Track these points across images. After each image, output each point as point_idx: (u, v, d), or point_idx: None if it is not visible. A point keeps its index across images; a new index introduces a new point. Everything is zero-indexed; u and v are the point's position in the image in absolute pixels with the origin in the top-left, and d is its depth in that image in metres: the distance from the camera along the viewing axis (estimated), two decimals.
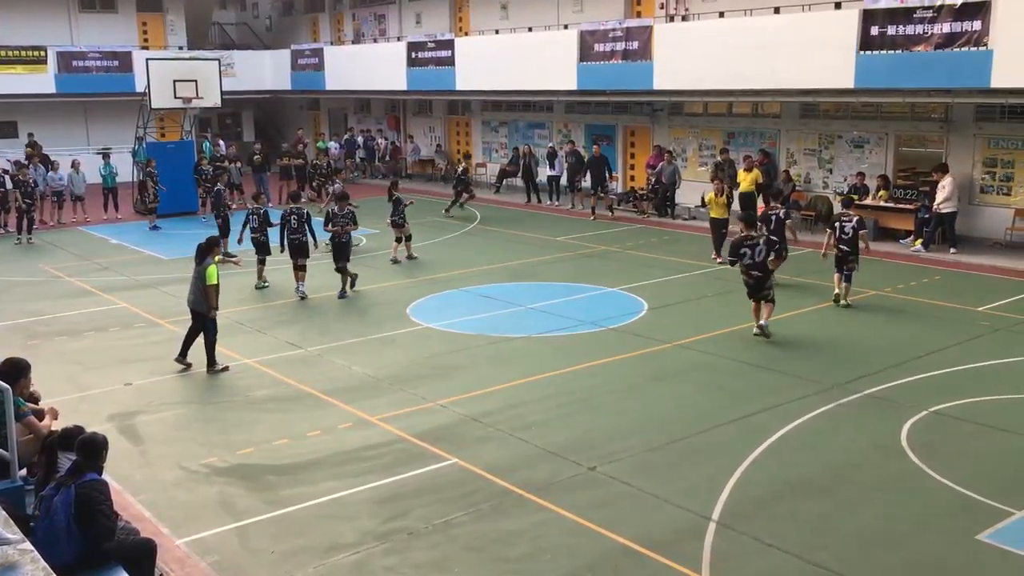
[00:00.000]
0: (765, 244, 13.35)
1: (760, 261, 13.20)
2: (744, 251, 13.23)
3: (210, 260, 12.36)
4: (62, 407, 9.71)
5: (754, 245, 13.22)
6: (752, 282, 13.29)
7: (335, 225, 16.11)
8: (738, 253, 13.29)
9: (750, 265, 13.21)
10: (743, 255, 13.24)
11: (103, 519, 6.51)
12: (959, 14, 17.60)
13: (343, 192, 17.23)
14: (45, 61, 32.71)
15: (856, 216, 14.87)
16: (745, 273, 13.31)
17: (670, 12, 25.23)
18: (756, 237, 13.35)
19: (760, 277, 13.25)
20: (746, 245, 13.23)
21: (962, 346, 12.83)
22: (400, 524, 8.10)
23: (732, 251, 13.47)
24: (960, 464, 9.07)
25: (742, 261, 13.26)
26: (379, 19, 36.37)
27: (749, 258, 13.21)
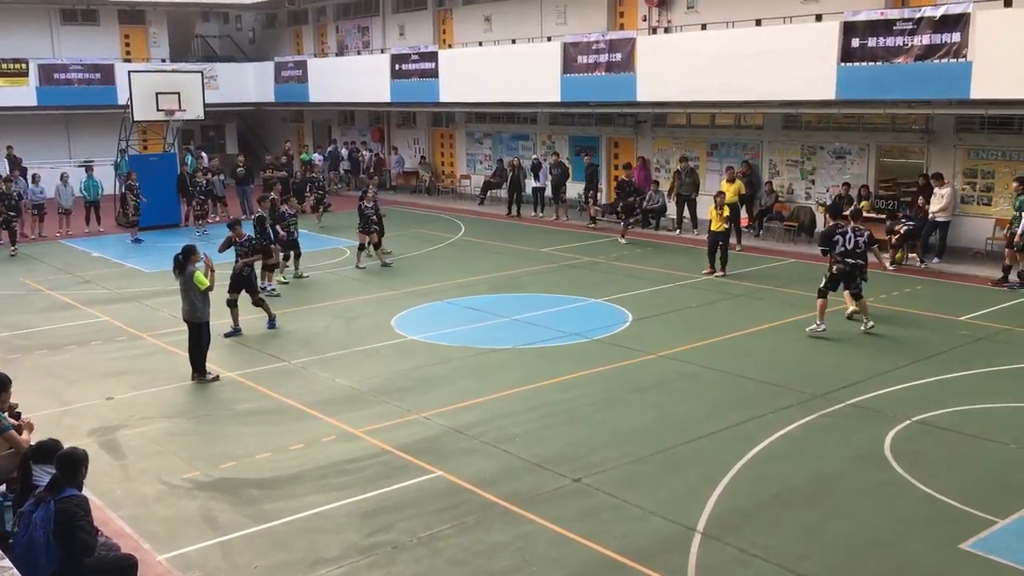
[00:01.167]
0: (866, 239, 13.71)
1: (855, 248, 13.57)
2: (836, 239, 13.64)
3: (192, 268, 12.30)
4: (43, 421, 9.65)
5: (844, 233, 13.61)
6: (847, 270, 13.63)
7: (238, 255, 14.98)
8: (830, 242, 13.71)
9: (844, 252, 13.58)
10: (836, 243, 13.63)
11: (83, 535, 6.44)
12: (939, 26, 17.76)
13: (234, 219, 15.72)
14: (26, 74, 32.56)
15: (867, 230, 14.38)
16: (840, 262, 13.61)
17: (653, 24, 25.37)
18: (845, 226, 13.73)
19: (856, 265, 13.63)
20: (838, 233, 13.65)
21: (945, 355, 12.90)
22: (384, 538, 8.05)
23: (823, 240, 14.00)
24: (944, 473, 9.10)
25: (834, 251, 13.63)
26: (362, 31, 36.40)
27: (842, 246, 13.58)
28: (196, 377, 12.50)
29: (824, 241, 13.94)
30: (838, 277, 13.83)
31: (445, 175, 33.70)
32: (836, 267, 13.72)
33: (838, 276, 13.82)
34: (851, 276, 13.92)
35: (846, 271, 13.68)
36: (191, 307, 12.35)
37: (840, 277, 13.80)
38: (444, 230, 24.96)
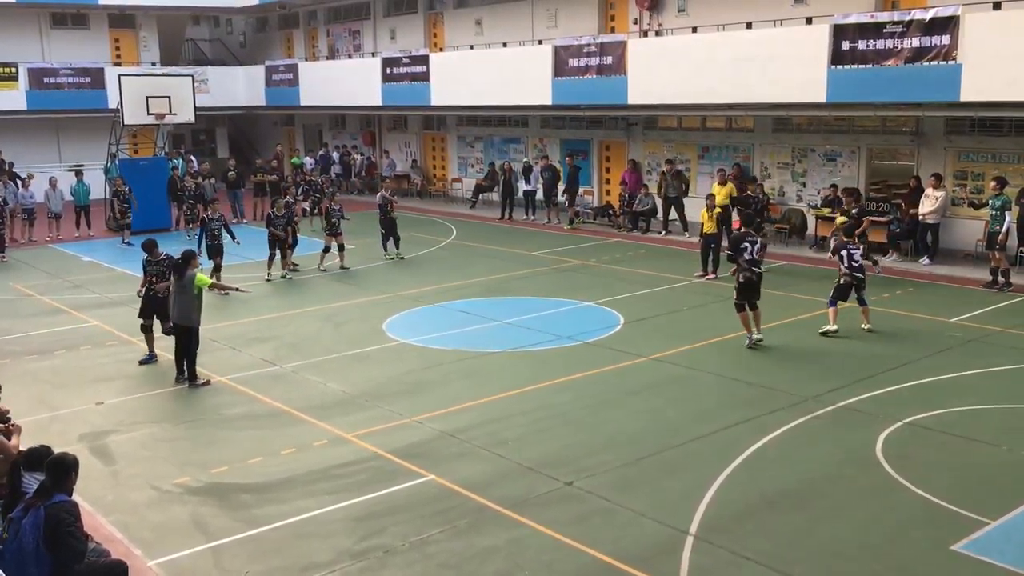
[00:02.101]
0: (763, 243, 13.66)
1: (760, 258, 13.45)
2: (745, 246, 13.39)
3: (191, 272, 12.31)
4: (33, 427, 9.61)
5: (754, 241, 13.40)
6: (755, 279, 13.38)
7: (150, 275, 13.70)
8: (739, 248, 13.44)
9: (750, 261, 13.35)
10: (744, 249, 13.38)
11: (72, 541, 6.41)
12: (928, 29, 17.83)
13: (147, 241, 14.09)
14: (16, 78, 32.46)
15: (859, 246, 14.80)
16: (747, 270, 13.34)
17: (643, 28, 25.41)
18: (756, 235, 13.57)
19: (761, 275, 13.44)
20: (747, 240, 13.42)
21: (935, 357, 12.93)
22: (376, 542, 8.03)
23: (733, 246, 13.68)
24: (935, 475, 9.11)
25: (742, 257, 13.36)
26: (353, 35, 36.38)
27: (749, 253, 13.34)
28: (182, 381, 12.46)
29: (733, 246, 13.65)
30: (746, 287, 13.40)
31: (437, 179, 33.69)
32: (742, 275, 13.38)
33: (746, 285, 13.39)
34: (757, 286, 13.51)
35: (753, 280, 13.37)
36: (182, 311, 12.33)
37: (750, 287, 13.40)
38: (435, 233, 24.94)
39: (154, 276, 13.56)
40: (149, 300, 13.55)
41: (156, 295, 13.44)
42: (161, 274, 13.45)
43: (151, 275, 13.61)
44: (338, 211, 20.08)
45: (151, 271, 13.66)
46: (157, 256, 13.67)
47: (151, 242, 13.94)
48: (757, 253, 13.46)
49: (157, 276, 13.52)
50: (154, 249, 13.71)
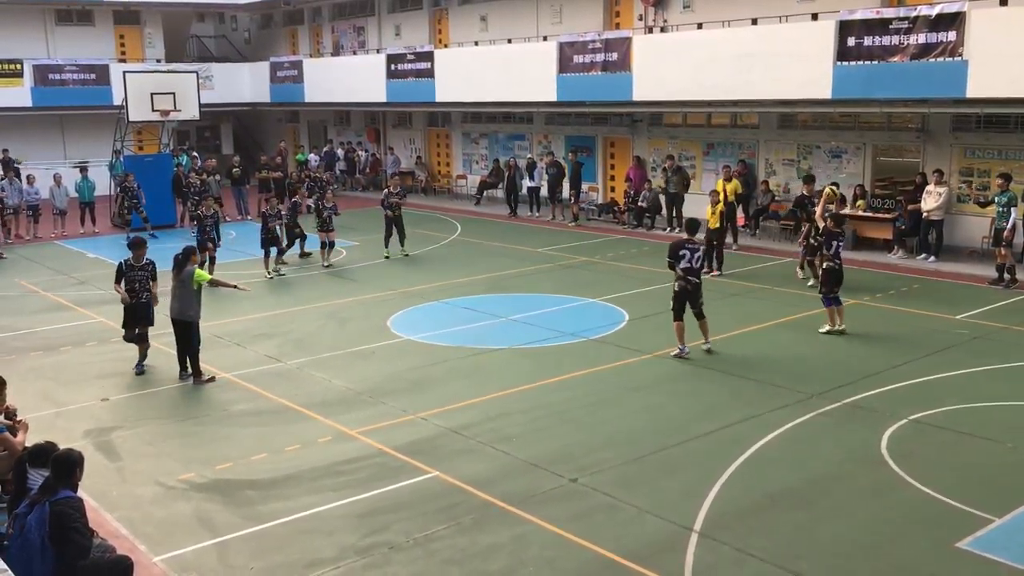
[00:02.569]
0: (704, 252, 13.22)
1: (698, 267, 12.94)
2: (683, 253, 12.85)
3: (191, 268, 12.33)
4: (38, 423, 9.62)
5: (694, 249, 12.91)
6: (690, 288, 12.87)
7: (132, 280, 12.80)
8: (676, 255, 12.91)
9: (687, 270, 12.83)
10: (681, 257, 12.86)
11: (78, 537, 6.42)
12: (934, 25, 17.78)
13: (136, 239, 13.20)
14: (21, 75, 32.52)
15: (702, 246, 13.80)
16: (682, 279, 12.86)
17: (648, 24, 25.36)
18: (697, 243, 13.09)
19: (698, 284, 12.96)
20: (686, 248, 12.90)
21: (940, 354, 12.91)
22: (380, 539, 8.04)
23: (671, 253, 13.02)
24: (940, 472, 9.10)
25: (679, 265, 12.88)
26: (358, 31, 36.37)
27: (687, 262, 12.83)
28: (186, 377, 12.49)
29: (672, 254, 12.99)
30: (682, 296, 12.93)
31: (441, 175, 33.68)
32: (678, 284, 12.92)
33: (682, 295, 12.92)
34: (694, 295, 13.01)
35: (688, 289, 12.87)
36: (181, 306, 12.35)
37: (684, 296, 12.92)
38: (440, 230, 24.94)
39: (136, 283, 12.70)
40: (133, 309, 12.76)
41: (142, 302, 12.73)
42: (144, 280, 12.72)
43: (133, 282, 12.70)
44: (331, 208, 20.10)
45: (133, 277, 12.72)
46: (140, 259, 12.76)
47: (138, 240, 13.04)
48: (697, 262, 12.92)
49: (139, 283, 12.69)
50: (139, 249, 12.79)
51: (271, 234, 19.19)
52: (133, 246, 12.90)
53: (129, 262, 12.80)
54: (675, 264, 12.89)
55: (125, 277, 12.77)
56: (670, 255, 12.99)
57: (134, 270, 12.78)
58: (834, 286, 13.98)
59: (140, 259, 12.78)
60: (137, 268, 12.79)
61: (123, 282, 12.78)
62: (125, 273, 12.79)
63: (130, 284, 12.76)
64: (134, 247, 12.87)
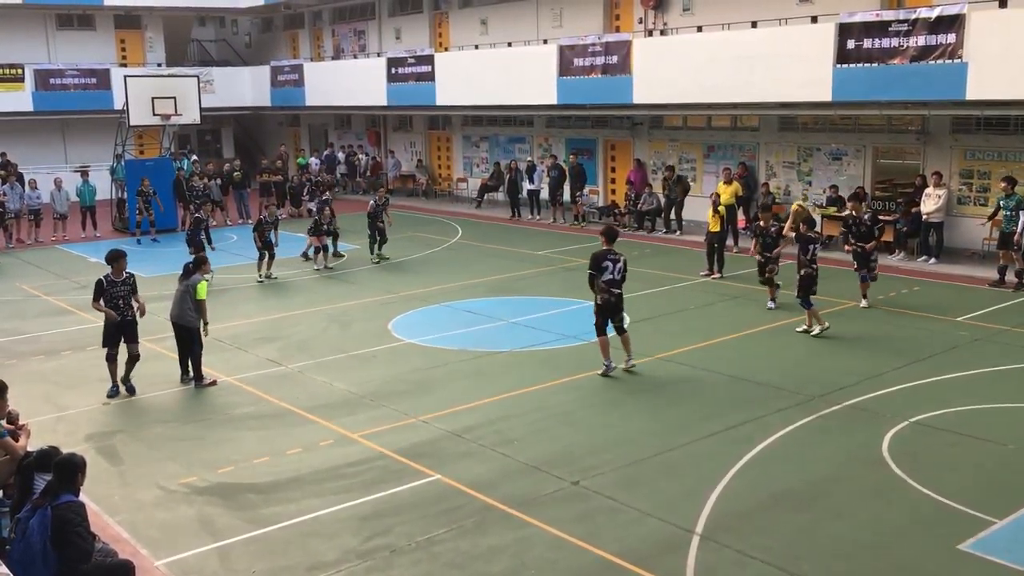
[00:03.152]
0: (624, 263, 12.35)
1: (620, 279, 12.25)
2: (606, 264, 12.19)
3: (199, 276, 12.35)
4: (39, 427, 9.63)
5: (616, 260, 12.20)
6: (613, 301, 12.24)
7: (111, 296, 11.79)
8: (599, 267, 12.22)
9: (610, 282, 12.16)
10: (604, 269, 12.18)
11: (79, 541, 6.43)
12: (934, 27, 17.79)
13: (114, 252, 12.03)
14: (22, 79, 32.53)
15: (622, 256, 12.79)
16: (605, 291, 12.17)
17: (649, 27, 25.39)
18: (619, 254, 12.34)
19: (620, 296, 12.32)
20: (608, 259, 12.25)
21: (941, 356, 12.91)
22: (382, 542, 8.04)
23: (593, 264, 12.27)
24: (941, 474, 9.10)
25: (601, 277, 12.16)
26: (359, 35, 36.40)
27: (610, 273, 12.16)
28: (187, 380, 12.50)
29: (593, 265, 12.21)
30: (605, 309, 12.24)
31: (442, 178, 33.71)
32: (600, 297, 12.18)
33: (605, 308, 12.23)
34: (616, 308, 12.36)
35: (611, 302, 12.19)
36: (181, 311, 12.34)
37: (607, 309, 12.24)
38: (441, 233, 24.95)
39: (120, 299, 11.77)
40: (120, 327, 11.90)
41: (128, 320, 11.89)
42: (127, 296, 11.83)
43: (116, 299, 11.73)
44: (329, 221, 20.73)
45: (116, 294, 11.73)
46: (120, 274, 11.81)
47: (116, 253, 11.90)
48: (619, 273, 12.22)
49: (123, 299, 11.78)
50: (118, 263, 11.79)
51: (264, 239, 19.22)
52: (112, 260, 11.84)
53: (110, 278, 11.78)
54: (597, 276, 12.16)
55: (106, 294, 11.73)
56: (592, 267, 12.22)
57: (115, 286, 11.78)
58: (810, 291, 14.04)
59: (120, 273, 11.83)
60: (119, 284, 11.81)
61: (103, 300, 11.74)
62: (106, 290, 11.74)
63: (113, 301, 11.74)
64: (113, 260, 11.82)
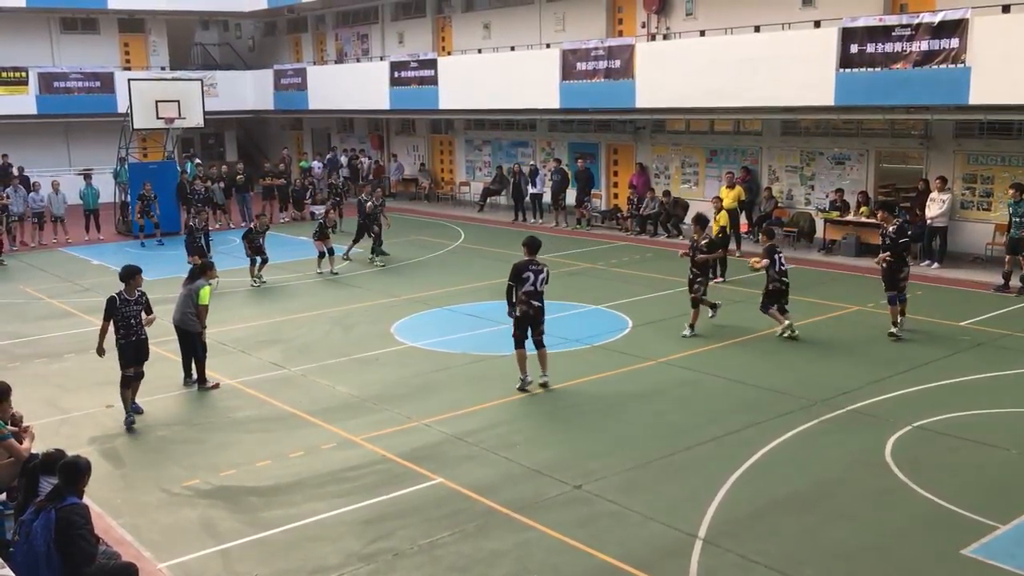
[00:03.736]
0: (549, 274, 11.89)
1: (541, 290, 11.76)
2: (527, 275, 11.69)
3: (202, 281, 12.39)
4: (43, 430, 9.65)
5: (538, 271, 11.71)
6: (532, 313, 11.77)
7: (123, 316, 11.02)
8: (519, 278, 11.72)
9: (531, 293, 11.71)
10: (525, 280, 11.69)
11: (83, 543, 6.44)
12: (937, 32, 17.80)
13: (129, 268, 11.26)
14: (26, 82, 32.58)
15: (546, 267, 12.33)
16: (524, 303, 11.74)
17: (651, 31, 25.41)
18: (541, 264, 11.85)
19: (541, 308, 11.84)
20: (530, 270, 11.74)
21: (945, 361, 12.90)
22: (384, 545, 8.04)
23: (513, 275, 11.77)
24: (944, 478, 9.09)
25: (522, 288, 11.72)
26: (362, 39, 36.45)
27: (531, 284, 11.69)
28: (190, 383, 12.51)
29: (513, 276, 11.73)
30: (524, 321, 11.78)
31: (444, 182, 33.73)
32: (520, 309, 11.74)
33: (524, 320, 11.78)
34: (536, 320, 11.86)
35: (530, 314, 11.76)
36: (183, 316, 12.36)
37: (527, 321, 11.78)
38: (444, 237, 24.96)
39: (132, 318, 11.02)
40: (130, 347, 11.09)
41: (142, 339, 11.18)
42: (138, 315, 11.10)
43: (128, 318, 10.99)
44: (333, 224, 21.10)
45: (128, 313, 10.99)
46: (133, 292, 11.08)
47: (132, 270, 11.17)
48: (541, 284, 11.74)
49: (135, 318, 11.05)
50: (132, 279, 11.08)
51: (254, 246, 19.25)
52: (127, 276, 11.12)
53: (123, 296, 11.03)
54: (517, 287, 11.71)
55: (118, 313, 10.97)
56: (511, 277, 11.77)
57: (128, 304, 11.02)
58: (774, 303, 14.16)
59: (134, 291, 11.08)
60: (132, 302, 11.07)
61: (114, 320, 11.00)
62: (119, 309, 10.97)
63: (125, 321, 10.98)
64: (128, 277, 11.10)
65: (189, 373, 12.60)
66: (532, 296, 11.73)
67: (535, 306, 11.78)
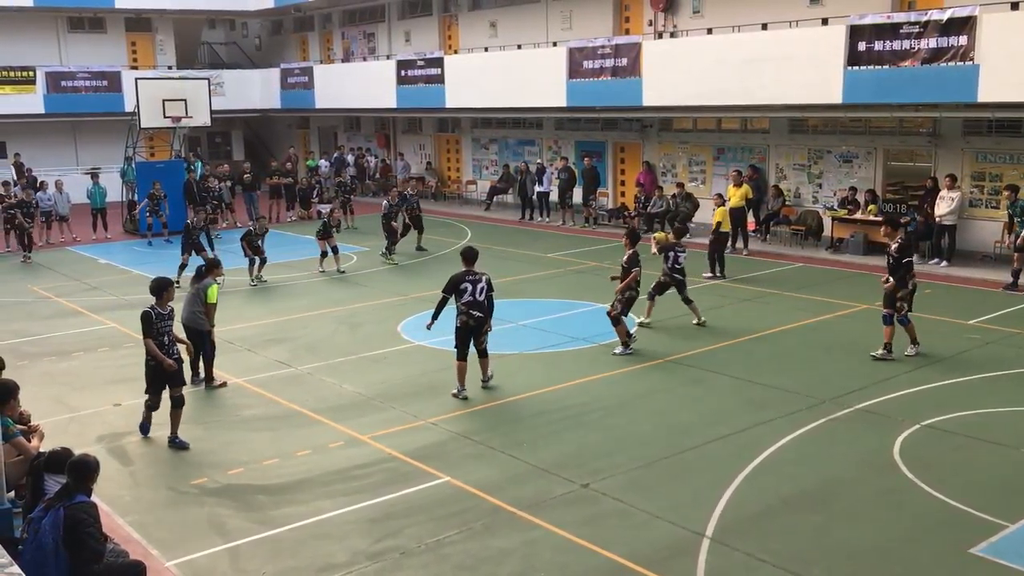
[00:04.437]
0: (488, 283, 11.67)
1: (481, 299, 11.58)
2: (465, 286, 11.56)
3: (210, 280, 12.41)
4: (51, 428, 9.67)
5: (476, 281, 11.57)
6: (473, 324, 11.58)
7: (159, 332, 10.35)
8: (456, 290, 11.59)
9: (470, 303, 11.53)
10: (463, 291, 11.54)
11: (91, 541, 6.45)
12: (945, 29, 17.74)
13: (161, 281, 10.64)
14: (34, 81, 32.69)
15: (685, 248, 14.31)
16: (464, 313, 11.54)
17: (658, 29, 25.37)
18: (479, 273, 11.69)
19: (482, 318, 11.64)
20: (467, 280, 11.61)
21: (953, 359, 12.86)
22: (392, 543, 8.04)
23: (449, 287, 11.65)
24: (953, 477, 9.06)
25: (460, 299, 11.55)
26: (368, 37, 36.48)
27: (470, 295, 11.53)
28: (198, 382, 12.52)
29: (448, 288, 11.63)
30: (464, 332, 11.60)
31: (451, 180, 33.74)
32: (459, 319, 11.56)
33: (464, 330, 11.59)
34: (477, 331, 11.69)
35: (471, 324, 11.56)
36: (192, 315, 12.36)
37: (467, 332, 11.60)
38: (450, 235, 24.96)
39: (165, 335, 10.38)
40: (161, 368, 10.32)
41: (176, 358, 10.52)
42: (170, 331, 10.53)
43: (162, 335, 10.32)
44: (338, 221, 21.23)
45: (162, 329, 10.33)
46: (166, 306, 10.47)
47: (163, 282, 10.56)
48: (481, 294, 11.55)
49: (167, 335, 10.43)
50: (166, 291, 10.49)
51: (253, 247, 19.25)
52: (158, 290, 10.45)
53: (156, 310, 10.37)
54: (452, 298, 11.61)
55: (154, 329, 10.28)
56: (445, 290, 11.68)
57: (162, 319, 10.40)
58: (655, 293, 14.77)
59: (166, 305, 10.47)
60: (165, 316, 10.44)
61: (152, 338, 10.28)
62: (155, 323, 10.31)
63: (159, 338, 10.30)
64: (160, 291, 10.43)
65: (196, 372, 12.61)
66: (471, 306, 11.52)
67: (475, 316, 11.56)
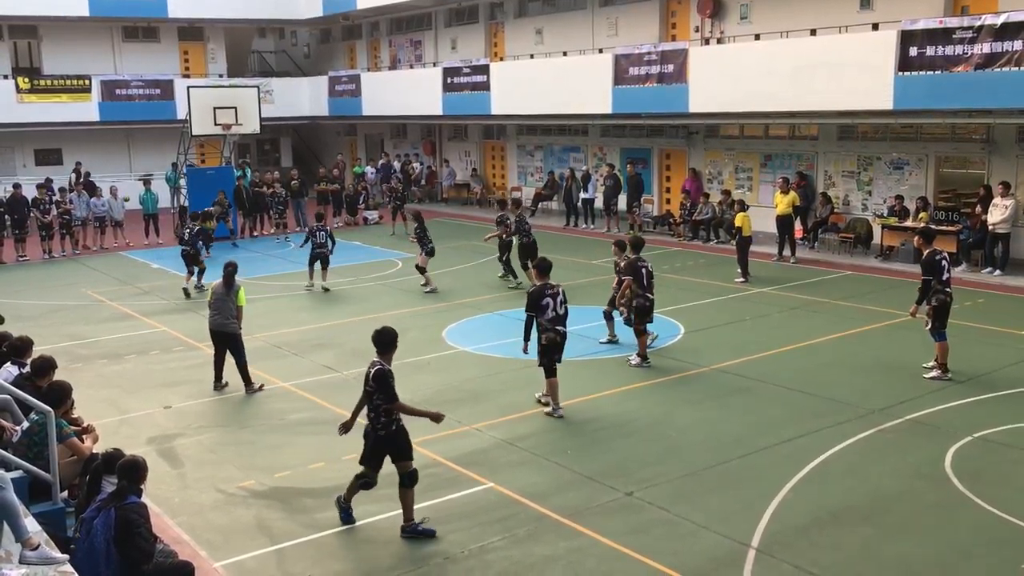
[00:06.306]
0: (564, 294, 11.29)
1: (564, 314, 11.20)
2: (546, 302, 11.08)
3: (237, 284, 12.62)
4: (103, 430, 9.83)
5: (555, 295, 11.18)
6: (560, 340, 11.23)
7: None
8: (538, 307, 11.08)
9: (554, 319, 11.13)
10: (544, 307, 11.07)
11: (142, 542, 6.56)
12: (1000, 34, 17.41)
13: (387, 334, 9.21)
14: (89, 90, 33.40)
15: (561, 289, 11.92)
16: (550, 330, 11.13)
17: (705, 35, 25.22)
18: (555, 285, 11.32)
19: (565, 333, 11.29)
20: (547, 295, 11.18)
21: (1008, 370, 12.59)
22: (436, 549, 8.07)
23: (531, 305, 11.12)
24: (1007, 492, 8.86)
25: (542, 316, 11.07)
26: (415, 45, 36.71)
27: (552, 310, 11.09)
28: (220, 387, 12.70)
29: (531, 306, 11.10)
30: (551, 349, 11.16)
31: (496, 187, 33.82)
32: (546, 336, 11.08)
33: (551, 348, 11.15)
34: (561, 347, 11.31)
35: (557, 341, 11.17)
36: (223, 319, 12.54)
37: (554, 348, 11.18)
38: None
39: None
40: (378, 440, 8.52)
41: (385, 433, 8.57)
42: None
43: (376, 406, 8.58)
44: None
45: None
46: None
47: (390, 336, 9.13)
48: (561, 307, 11.15)
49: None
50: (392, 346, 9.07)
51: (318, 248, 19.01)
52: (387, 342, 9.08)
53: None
54: (537, 316, 11.07)
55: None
56: (529, 308, 11.11)
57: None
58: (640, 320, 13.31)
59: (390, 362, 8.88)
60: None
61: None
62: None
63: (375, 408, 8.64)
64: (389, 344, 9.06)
65: (220, 377, 12.74)
66: (556, 322, 11.15)
67: (561, 332, 11.22)
